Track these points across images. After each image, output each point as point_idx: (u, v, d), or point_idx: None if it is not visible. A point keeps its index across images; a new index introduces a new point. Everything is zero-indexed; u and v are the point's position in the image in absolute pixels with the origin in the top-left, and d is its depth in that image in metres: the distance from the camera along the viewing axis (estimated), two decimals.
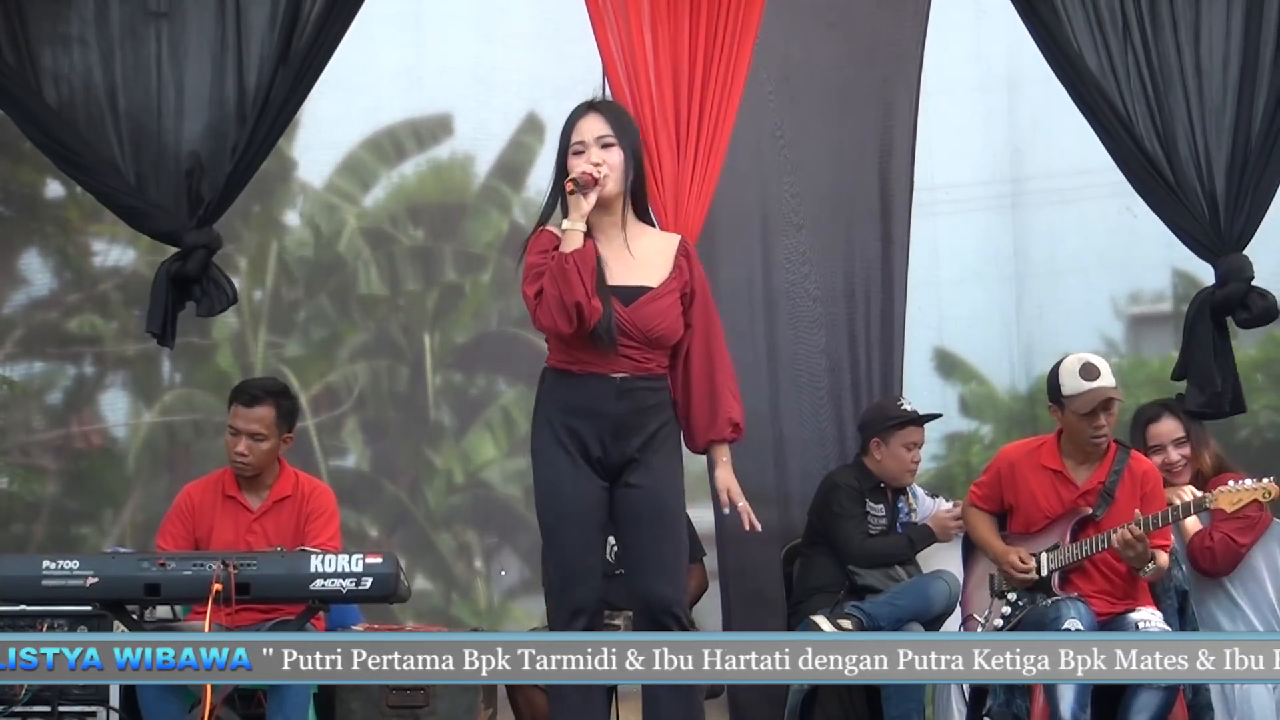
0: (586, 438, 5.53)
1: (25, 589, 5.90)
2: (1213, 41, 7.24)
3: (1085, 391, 6.51)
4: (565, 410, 5.57)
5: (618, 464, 5.56)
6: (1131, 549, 6.39)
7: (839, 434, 7.80)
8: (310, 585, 5.77)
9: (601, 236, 5.61)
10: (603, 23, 6.95)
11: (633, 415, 5.55)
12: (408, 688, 6.51)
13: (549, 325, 5.51)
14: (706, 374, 5.65)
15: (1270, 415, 9.07)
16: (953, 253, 8.54)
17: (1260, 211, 7.19)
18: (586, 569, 5.54)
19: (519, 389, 8.92)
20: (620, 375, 5.54)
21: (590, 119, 5.64)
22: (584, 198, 5.52)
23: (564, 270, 5.47)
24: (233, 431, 6.72)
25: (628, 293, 5.56)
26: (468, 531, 9.11)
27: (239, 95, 7.26)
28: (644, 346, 5.56)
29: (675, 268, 5.64)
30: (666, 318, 5.58)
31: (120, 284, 8.94)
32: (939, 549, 7.29)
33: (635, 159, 5.64)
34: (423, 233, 9.24)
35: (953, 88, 8.37)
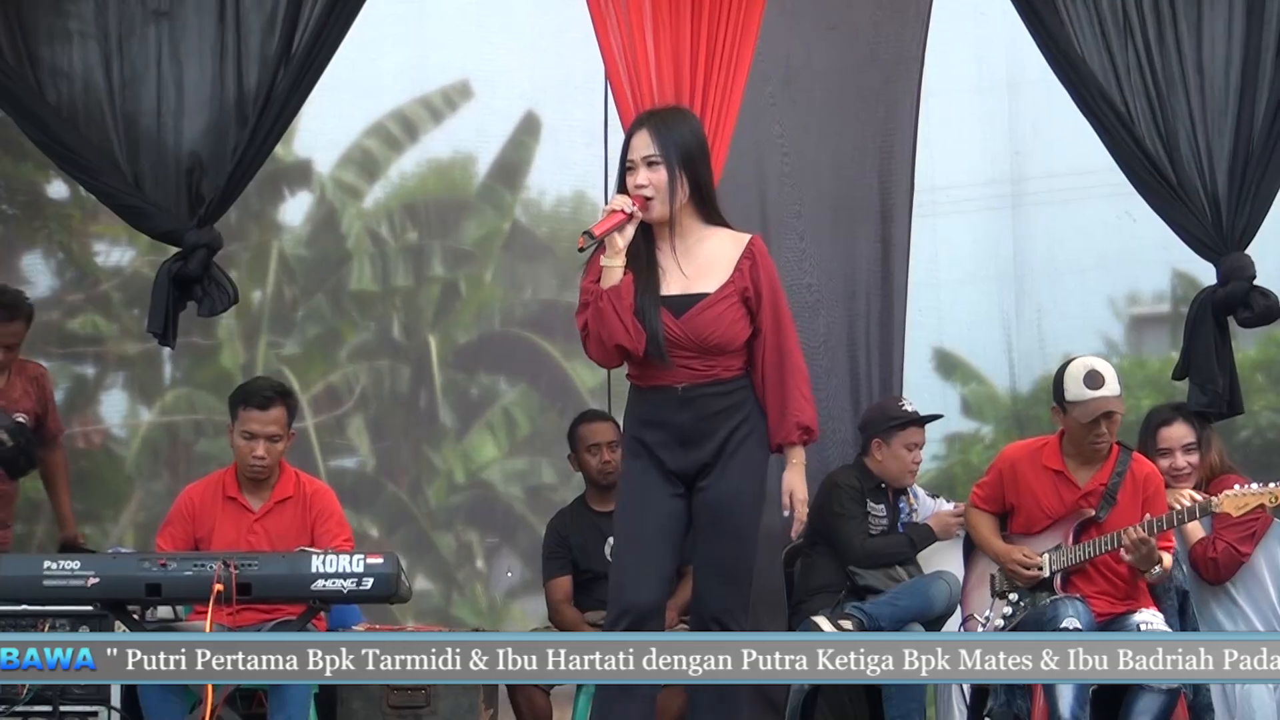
0: (657, 448, 5.53)
1: (26, 589, 5.90)
2: (1214, 41, 7.24)
3: (1087, 400, 6.50)
4: (638, 422, 5.58)
5: (691, 472, 5.53)
6: (1139, 551, 6.40)
7: (839, 435, 7.80)
8: (311, 585, 5.76)
9: (663, 245, 5.57)
10: (604, 24, 6.96)
11: (698, 423, 5.51)
12: (409, 688, 6.52)
13: (598, 361, 5.56)
14: (777, 377, 5.57)
15: (1270, 415, 9.09)
16: (953, 254, 8.54)
17: (1262, 211, 7.19)
18: (642, 573, 5.50)
19: (520, 389, 8.94)
20: (682, 385, 5.51)
21: (639, 136, 5.55)
22: (618, 234, 5.46)
23: (600, 311, 5.44)
24: (248, 436, 6.69)
25: (680, 302, 5.50)
26: (469, 531, 9.12)
27: (240, 95, 7.26)
28: (702, 355, 5.51)
29: (736, 271, 5.54)
30: (720, 324, 5.51)
31: (121, 284, 8.94)
32: (940, 549, 7.29)
33: (688, 166, 5.53)
34: (423, 232, 9.25)
35: (953, 89, 8.38)
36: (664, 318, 5.48)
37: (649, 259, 5.55)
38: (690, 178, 5.54)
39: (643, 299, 5.49)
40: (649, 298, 5.49)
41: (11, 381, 7.49)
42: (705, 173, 5.62)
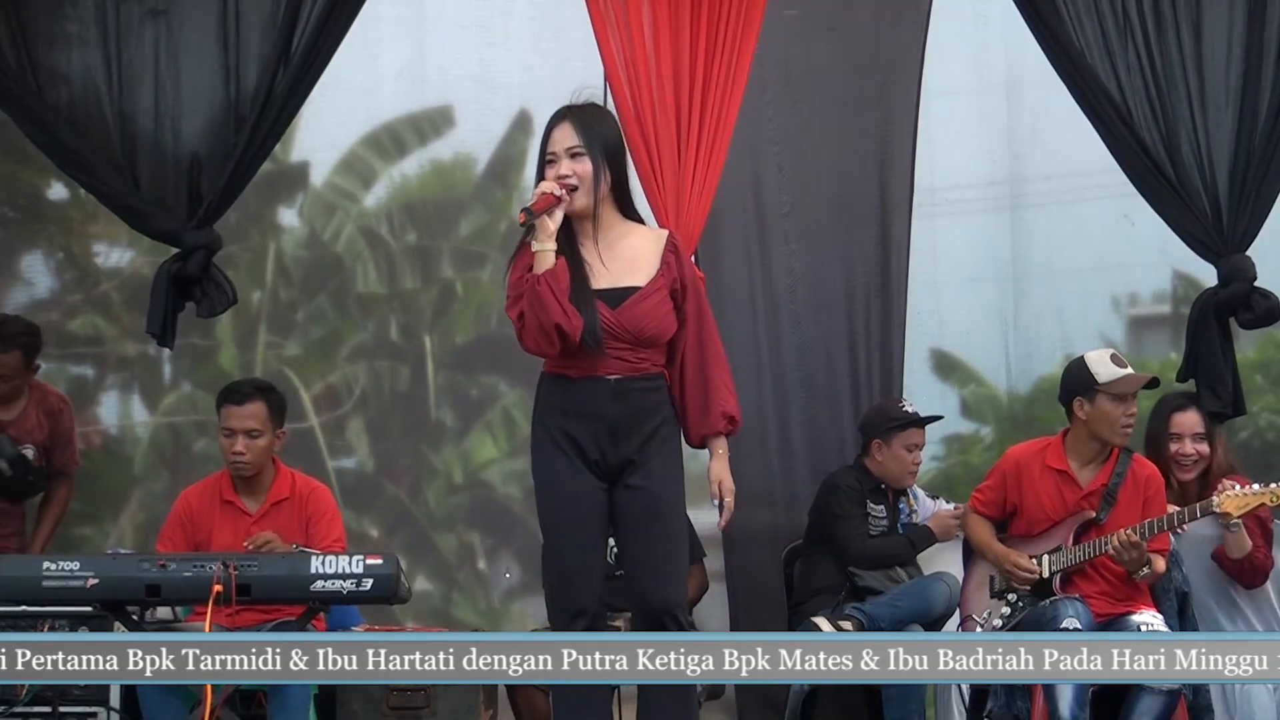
0: (583, 440, 5.53)
1: (26, 590, 5.89)
2: (1215, 41, 7.25)
3: (1125, 376, 6.55)
4: (562, 414, 5.57)
5: (616, 465, 5.55)
6: (1128, 553, 6.41)
7: (839, 436, 7.80)
8: (311, 586, 5.76)
9: (586, 241, 5.60)
10: (604, 25, 6.95)
11: (629, 416, 5.54)
12: (408, 689, 6.52)
13: (534, 349, 5.54)
14: (699, 368, 5.63)
15: (1270, 417, 9.08)
16: (952, 255, 8.54)
17: (1263, 212, 7.19)
18: (586, 570, 5.54)
19: (520, 390, 8.92)
20: (614, 377, 5.54)
21: (561, 128, 5.61)
22: (548, 217, 5.51)
23: (537, 293, 5.47)
24: (228, 432, 6.73)
25: (614, 295, 5.55)
26: (469, 532, 9.12)
27: (239, 95, 7.25)
28: (636, 347, 5.55)
29: (663, 264, 5.61)
30: (655, 315, 5.56)
31: (121, 284, 8.94)
32: (940, 550, 7.30)
33: (611, 161, 5.61)
34: (421, 233, 9.24)
35: (952, 91, 8.38)
36: (600, 308, 5.51)
37: (572, 253, 5.58)
38: (612, 171, 5.61)
39: (576, 291, 5.51)
40: (581, 289, 5.52)
41: (27, 412, 7.53)
42: (624, 168, 5.70)
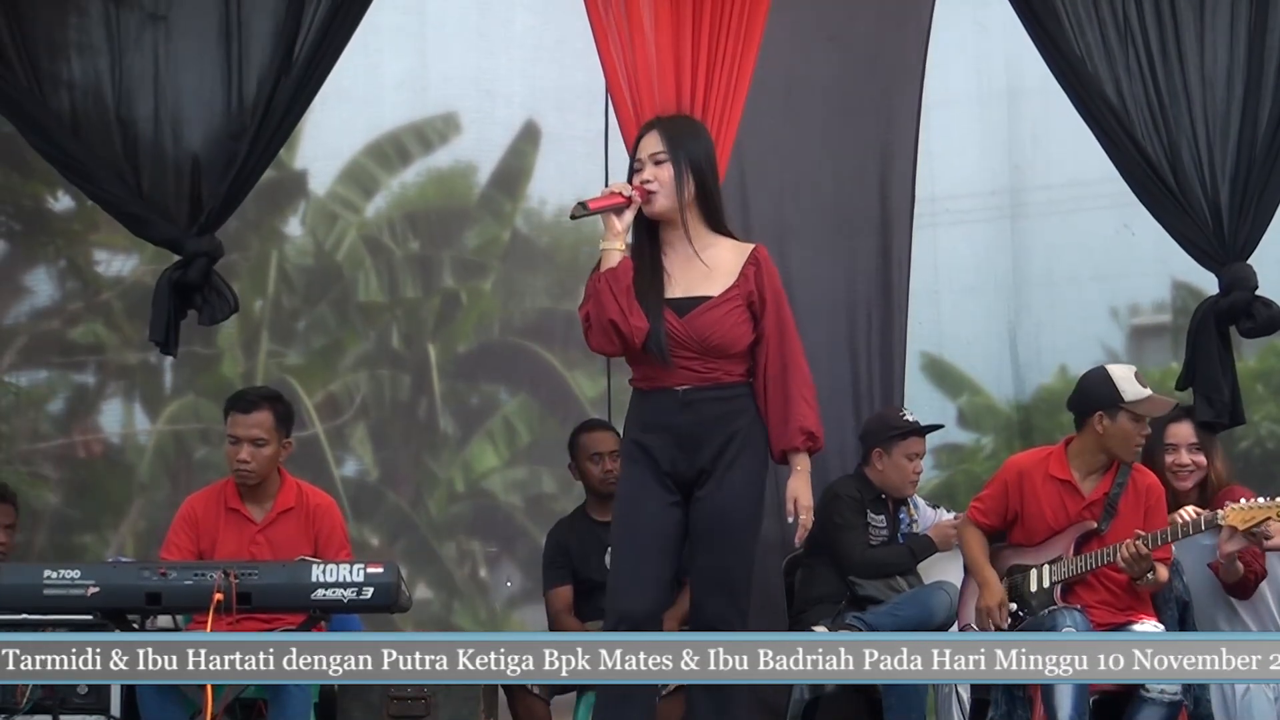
0: (656, 452, 5.56)
1: (26, 598, 5.87)
2: (1217, 49, 7.25)
3: (1151, 397, 6.56)
4: (640, 426, 5.62)
5: (689, 477, 5.57)
6: (1135, 566, 6.42)
7: (840, 445, 7.80)
8: (311, 595, 5.75)
9: (669, 250, 5.66)
10: (605, 34, 6.96)
11: (698, 426, 5.56)
12: (409, 695, 6.52)
13: (597, 347, 5.59)
14: (780, 382, 5.64)
15: (1270, 426, 9.09)
16: (953, 265, 8.55)
17: (1265, 220, 7.19)
18: (638, 580, 5.55)
19: (521, 398, 8.94)
20: (683, 388, 5.57)
21: (649, 136, 5.69)
22: (616, 217, 5.57)
23: (596, 290, 5.53)
24: (233, 440, 6.72)
25: (684, 304, 5.59)
26: (469, 541, 9.12)
27: (240, 103, 7.26)
28: (704, 356, 5.57)
29: (741, 276, 5.63)
30: (723, 325, 5.57)
31: (122, 293, 8.95)
32: (940, 560, 7.29)
33: (695, 169, 5.65)
34: (424, 241, 9.25)
35: (953, 101, 8.39)
36: (667, 316, 5.54)
37: (654, 260, 5.64)
38: (697, 180, 5.65)
39: (646, 297, 5.56)
40: (653, 296, 5.56)
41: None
42: (714, 181, 5.73)
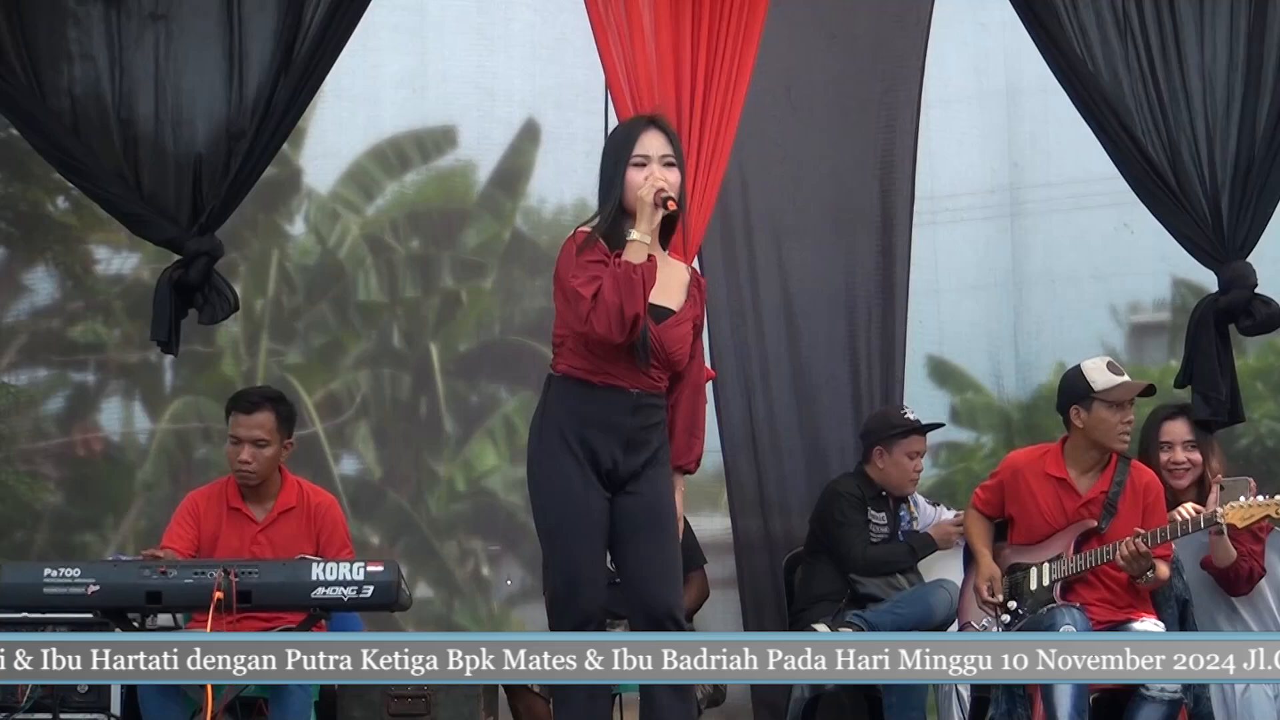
0: (599, 450, 5.56)
1: (27, 597, 5.88)
2: (1217, 48, 7.26)
3: (1122, 383, 6.57)
4: (580, 420, 5.57)
5: (624, 476, 5.59)
6: (1136, 564, 6.43)
7: (840, 443, 7.81)
8: (312, 593, 5.75)
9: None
10: (605, 33, 6.97)
11: (643, 430, 5.59)
12: (409, 695, 6.52)
13: (603, 331, 5.45)
14: (693, 402, 5.74)
15: (1270, 424, 9.08)
16: (952, 263, 8.55)
17: (1264, 218, 7.20)
18: (593, 578, 5.57)
19: (521, 397, 8.92)
20: (636, 390, 5.58)
21: (654, 135, 5.63)
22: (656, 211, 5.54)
23: (631, 281, 5.45)
24: (235, 440, 6.72)
25: (660, 312, 5.61)
26: (470, 540, 9.12)
27: (240, 102, 7.27)
28: (661, 366, 5.61)
29: (689, 297, 5.69)
30: (685, 341, 5.65)
31: (122, 292, 8.94)
32: (940, 558, 7.30)
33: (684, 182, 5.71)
34: (424, 240, 9.25)
35: (953, 99, 8.39)
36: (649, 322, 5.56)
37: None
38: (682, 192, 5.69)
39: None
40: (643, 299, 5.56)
41: None
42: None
